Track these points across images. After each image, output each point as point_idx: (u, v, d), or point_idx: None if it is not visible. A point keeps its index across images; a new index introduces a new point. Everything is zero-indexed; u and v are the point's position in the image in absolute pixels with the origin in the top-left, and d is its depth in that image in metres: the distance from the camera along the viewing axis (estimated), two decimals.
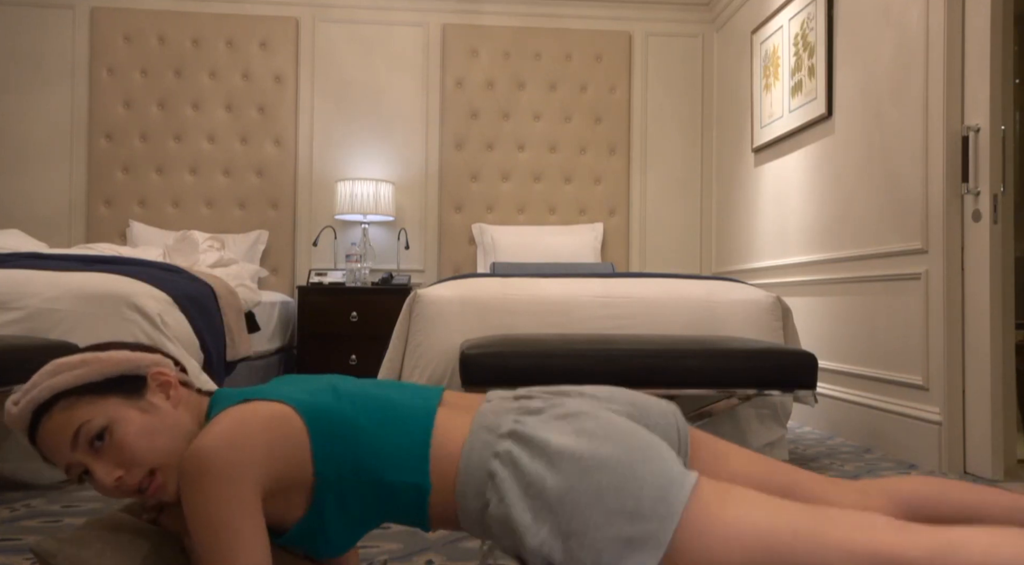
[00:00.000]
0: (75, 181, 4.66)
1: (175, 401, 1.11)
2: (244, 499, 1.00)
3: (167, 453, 1.07)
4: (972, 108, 2.63)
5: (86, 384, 1.06)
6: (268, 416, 1.05)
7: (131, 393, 1.09)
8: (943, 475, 2.61)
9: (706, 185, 5.10)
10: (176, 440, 1.08)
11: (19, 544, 1.74)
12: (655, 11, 5.06)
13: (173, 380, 1.12)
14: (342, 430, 1.07)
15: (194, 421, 1.12)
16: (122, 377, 1.09)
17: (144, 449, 1.06)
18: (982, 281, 2.58)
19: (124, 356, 1.10)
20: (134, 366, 1.10)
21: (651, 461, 1.01)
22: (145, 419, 1.07)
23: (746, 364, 2.14)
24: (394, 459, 1.07)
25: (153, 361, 1.12)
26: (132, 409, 1.07)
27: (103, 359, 1.09)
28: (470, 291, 2.58)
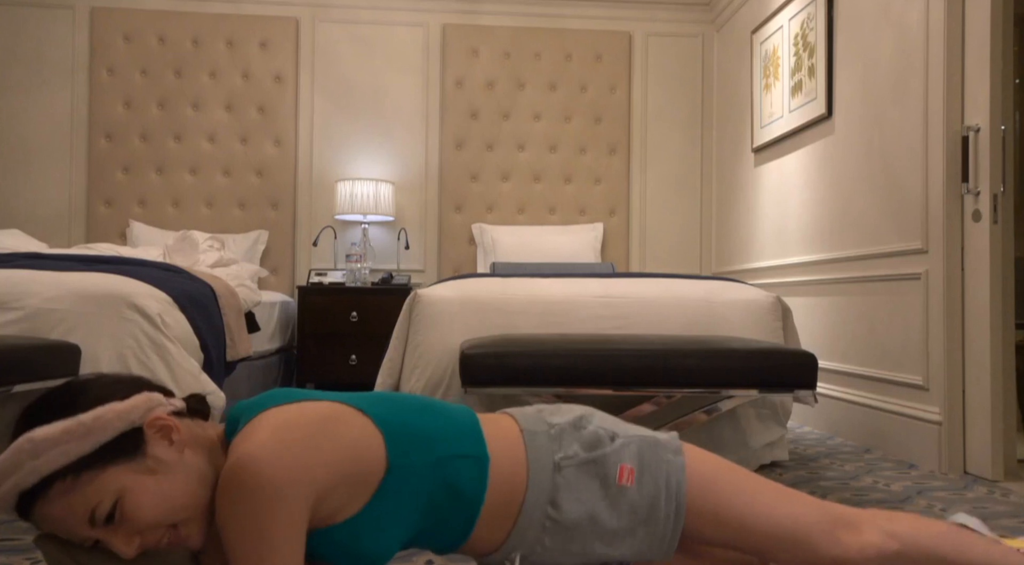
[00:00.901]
0: (75, 181, 4.66)
1: (180, 445, 0.98)
2: (291, 516, 0.91)
3: (187, 507, 0.97)
4: (972, 108, 2.63)
5: (79, 460, 0.92)
6: (324, 415, 0.99)
7: (131, 455, 0.95)
8: (943, 475, 2.61)
9: (706, 185, 5.10)
10: (192, 489, 0.98)
11: (19, 544, 1.74)
12: (655, 11, 5.06)
13: (172, 423, 0.98)
14: (403, 416, 1.07)
15: (205, 454, 1.01)
16: (116, 439, 0.94)
17: (161, 513, 0.96)
18: (982, 281, 2.58)
19: (112, 414, 0.94)
20: (126, 422, 0.95)
21: None
22: (154, 481, 0.95)
23: (746, 364, 2.13)
24: (455, 434, 1.09)
25: (144, 406, 0.97)
26: (137, 474, 0.95)
27: (89, 426, 0.92)
28: (470, 291, 2.58)
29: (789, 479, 2.52)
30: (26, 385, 2.13)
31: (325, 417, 0.99)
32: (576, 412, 1.20)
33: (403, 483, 1.02)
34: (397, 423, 1.05)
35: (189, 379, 2.47)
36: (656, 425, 2.33)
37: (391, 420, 1.05)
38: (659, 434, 1.20)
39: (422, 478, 1.04)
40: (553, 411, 1.20)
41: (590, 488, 1.11)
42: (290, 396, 1.03)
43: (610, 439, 1.14)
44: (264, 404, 1.02)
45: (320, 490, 0.95)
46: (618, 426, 1.19)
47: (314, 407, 1.00)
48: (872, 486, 2.44)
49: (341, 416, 1.01)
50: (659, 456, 1.14)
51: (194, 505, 0.98)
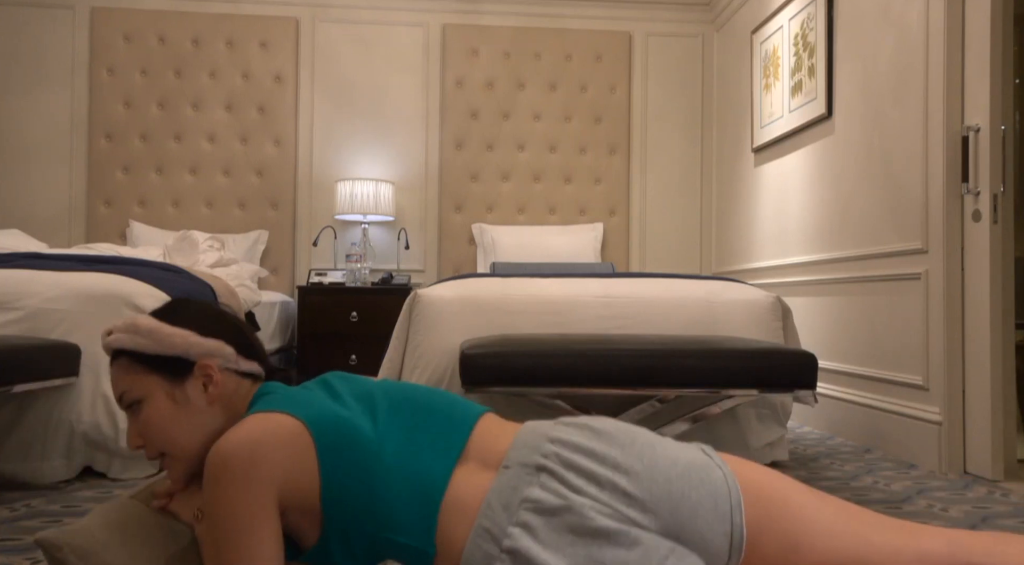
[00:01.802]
0: (75, 181, 4.66)
1: (211, 397, 1.15)
2: (261, 501, 1.01)
3: (179, 446, 1.14)
4: (972, 108, 2.63)
5: (140, 354, 1.13)
6: (286, 437, 1.05)
7: (174, 377, 1.14)
8: (943, 475, 2.61)
9: (706, 185, 5.10)
10: (194, 436, 1.14)
11: (19, 544, 1.74)
12: (655, 11, 5.06)
13: (217, 378, 1.14)
14: (356, 474, 1.05)
15: (228, 415, 1.16)
16: (172, 358, 1.13)
17: (159, 436, 1.13)
18: (982, 281, 2.58)
19: (181, 339, 1.13)
20: (186, 352, 1.13)
21: None
22: (172, 410, 1.13)
23: (746, 364, 2.13)
24: (401, 519, 1.05)
25: (208, 351, 1.14)
26: (166, 395, 1.13)
27: (163, 336, 1.12)
28: (470, 291, 2.58)
29: None
30: (26, 385, 2.13)
31: (287, 440, 1.05)
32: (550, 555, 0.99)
33: (337, 534, 1.07)
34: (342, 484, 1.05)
35: None
36: (656, 425, 2.33)
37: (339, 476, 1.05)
38: None
39: (358, 538, 1.07)
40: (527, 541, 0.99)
41: None
42: (284, 402, 1.11)
43: None
44: (266, 404, 1.12)
45: (276, 490, 1.03)
46: None
47: (287, 425, 1.06)
48: (872, 486, 2.44)
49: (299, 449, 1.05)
50: None
51: (187, 449, 1.14)
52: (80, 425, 2.37)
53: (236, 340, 1.18)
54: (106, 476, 2.44)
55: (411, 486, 1.06)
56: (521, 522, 1.00)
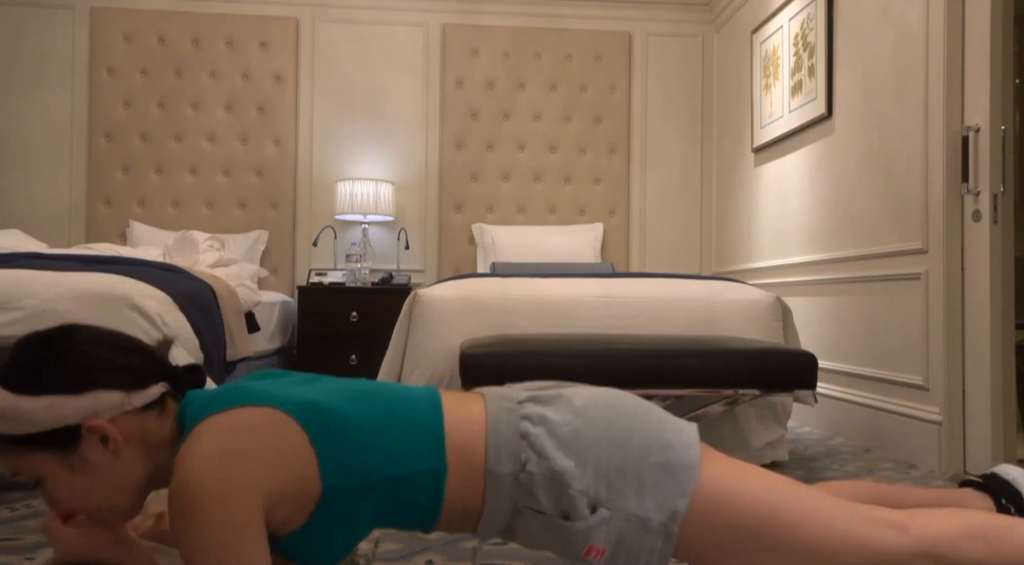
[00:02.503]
0: (75, 181, 4.66)
1: (116, 450, 0.98)
2: (245, 523, 0.91)
3: (101, 506, 1.01)
4: (972, 108, 2.63)
5: (11, 436, 0.95)
6: (262, 424, 0.96)
7: (61, 448, 0.96)
8: (943, 475, 2.61)
9: (706, 185, 5.10)
10: (117, 493, 1.01)
11: (19, 544, 1.74)
12: (655, 11, 5.06)
13: (109, 431, 0.97)
14: (345, 430, 0.99)
15: (153, 449, 1.01)
16: (49, 432, 0.95)
17: (76, 506, 1.01)
18: (982, 281, 2.58)
19: (49, 412, 0.94)
20: (61, 421, 0.95)
21: (660, 411, 1.12)
22: (74, 478, 0.98)
23: (746, 364, 2.13)
24: (406, 449, 1.01)
25: (87, 410, 0.96)
26: (62, 467, 0.97)
27: (26, 416, 0.93)
28: (470, 291, 2.58)
29: None
30: None
31: (262, 427, 0.96)
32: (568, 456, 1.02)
33: (341, 504, 0.99)
34: (337, 445, 0.98)
35: None
36: None
37: (331, 439, 0.98)
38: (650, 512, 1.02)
39: (364, 498, 1.00)
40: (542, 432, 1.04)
41: (550, 538, 1.05)
42: (237, 397, 0.99)
43: (590, 509, 1.01)
44: (211, 407, 0.98)
45: (262, 495, 0.93)
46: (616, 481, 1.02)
47: (255, 415, 0.96)
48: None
49: (277, 429, 0.96)
50: (643, 543, 1.02)
51: (112, 504, 1.01)
52: None
53: (120, 379, 0.98)
54: None
55: (404, 422, 1.04)
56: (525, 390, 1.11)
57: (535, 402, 1.09)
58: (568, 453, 1.03)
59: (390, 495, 1.02)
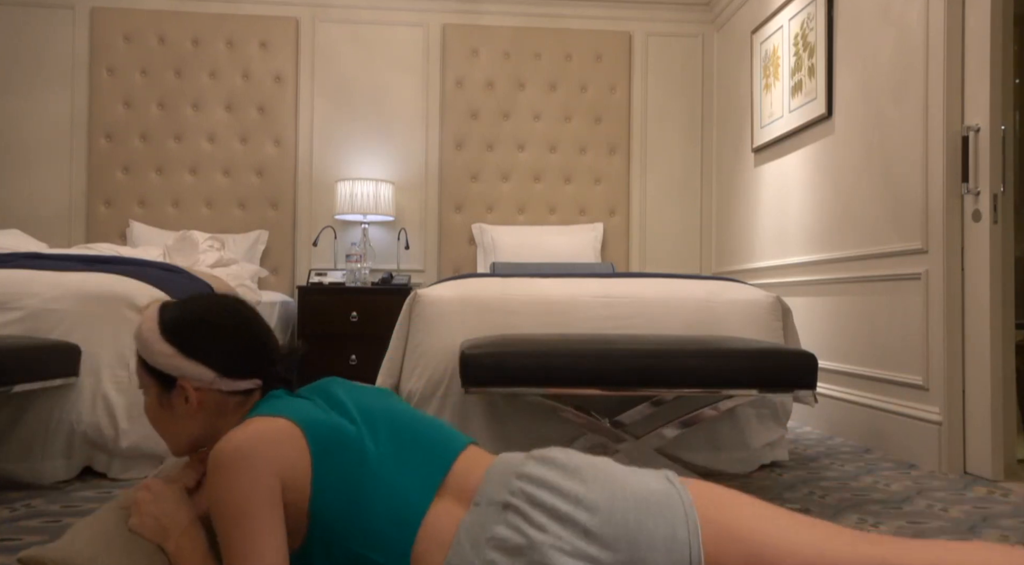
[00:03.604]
0: (75, 181, 4.66)
1: (192, 411, 1.21)
2: (265, 489, 1.05)
3: (166, 439, 1.25)
4: (972, 108, 2.63)
5: (139, 355, 1.22)
6: (283, 437, 1.10)
7: (162, 384, 1.21)
8: (943, 475, 2.61)
9: (706, 185, 5.10)
10: (179, 438, 1.24)
11: (19, 544, 1.74)
12: (655, 11, 5.06)
13: (192, 398, 1.20)
14: (344, 479, 1.10)
15: (217, 424, 1.21)
16: (161, 371, 1.20)
17: (153, 424, 1.25)
18: (982, 281, 2.58)
19: (165, 359, 1.19)
20: (168, 369, 1.19)
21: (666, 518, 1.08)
22: (159, 411, 1.23)
23: (746, 364, 2.13)
24: (381, 538, 1.08)
25: (186, 373, 1.19)
26: (156, 397, 1.22)
27: (151, 351, 1.19)
28: (470, 291, 2.58)
29: (789, 479, 2.52)
30: (26, 385, 2.13)
31: (288, 440, 1.11)
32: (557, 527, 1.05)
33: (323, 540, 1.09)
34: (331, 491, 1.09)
35: None
36: (656, 426, 2.33)
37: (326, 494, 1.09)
38: None
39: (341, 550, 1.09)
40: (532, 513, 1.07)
41: None
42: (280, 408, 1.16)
43: None
44: (262, 409, 1.17)
45: (280, 477, 1.07)
46: None
47: (286, 428, 1.11)
48: (872, 486, 2.43)
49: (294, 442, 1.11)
50: None
51: (172, 445, 1.25)
52: (80, 425, 2.37)
53: (222, 362, 1.21)
54: (106, 476, 2.44)
55: (394, 506, 1.10)
56: (487, 561, 1.05)
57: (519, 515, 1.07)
58: None
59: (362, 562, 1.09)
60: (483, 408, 2.46)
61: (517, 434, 2.45)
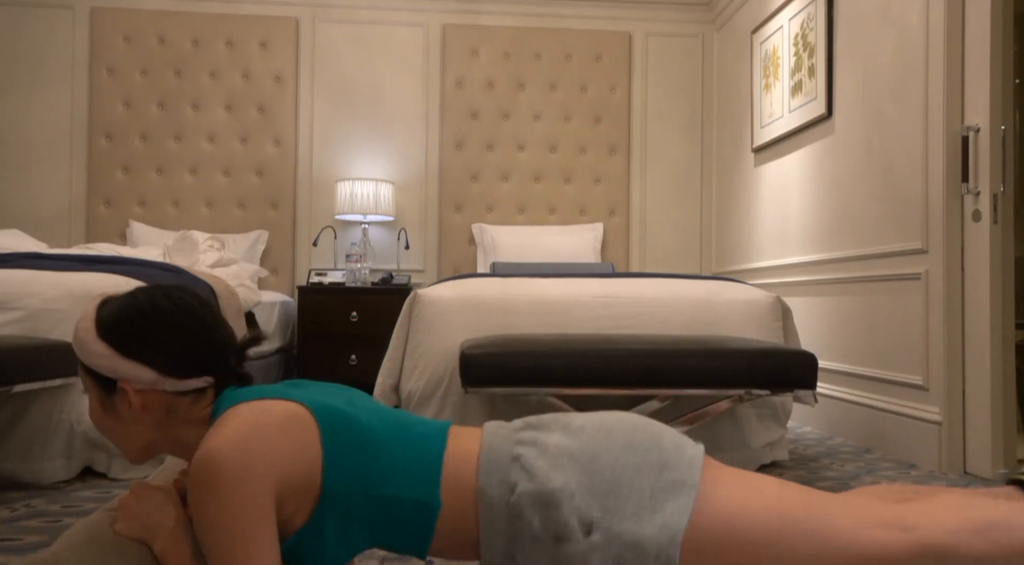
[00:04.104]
0: (75, 181, 4.66)
1: (136, 415, 1.11)
2: (258, 502, 0.98)
3: (116, 441, 1.16)
4: (972, 108, 2.63)
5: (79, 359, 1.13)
6: (283, 416, 1.03)
7: (103, 388, 1.12)
8: (943, 475, 2.61)
9: (706, 185, 5.10)
10: (128, 442, 1.14)
11: (19, 544, 1.74)
12: (655, 11, 5.06)
13: (136, 401, 1.10)
14: (356, 439, 1.05)
15: (167, 425, 1.12)
16: (100, 374, 1.11)
17: (99, 429, 1.16)
18: (982, 281, 2.58)
19: (102, 360, 1.09)
20: (108, 372, 1.09)
21: (663, 429, 1.10)
22: (103, 415, 1.14)
23: (746, 364, 2.13)
24: (406, 474, 1.05)
25: (125, 374, 1.09)
26: (98, 400, 1.13)
27: (88, 352, 1.10)
28: (470, 291, 2.58)
29: (789, 479, 2.51)
30: (26, 385, 2.13)
31: (285, 418, 1.03)
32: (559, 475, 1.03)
33: (336, 509, 1.04)
34: (344, 450, 1.04)
35: None
36: None
37: (340, 444, 1.04)
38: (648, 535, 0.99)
39: (360, 509, 1.05)
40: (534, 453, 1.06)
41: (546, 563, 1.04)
42: (264, 392, 1.08)
43: (584, 532, 1.00)
44: (243, 397, 1.08)
45: (275, 480, 0.99)
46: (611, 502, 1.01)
47: (279, 407, 1.04)
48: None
49: (295, 422, 1.04)
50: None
51: (124, 449, 1.16)
52: (80, 425, 2.37)
53: (164, 362, 1.10)
54: (106, 476, 2.44)
55: (411, 446, 1.08)
56: (522, 441, 1.08)
57: (531, 428, 1.10)
58: (559, 472, 1.02)
59: (382, 513, 1.05)
60: (483, 408, 2.46)
61: None
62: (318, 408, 1.05)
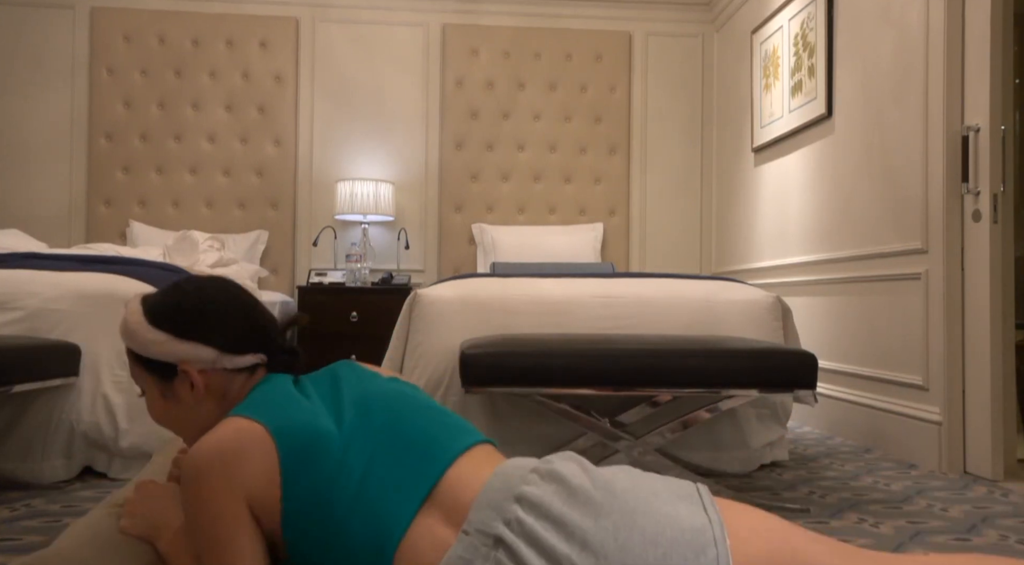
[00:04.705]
0: (75, 181, 4.66)
1: (200, 396, 1.14)
2: (235, 506, 1.00)
3: (175, 429, 1.19)
4: (972, 108, 2.63)
5: (133, 352, 1.16)
6: (250, 446, 1.02)
7: (162, 377, 1.15)
8: (943, 475, 2.61)
9: (706, 185, 5.10)
10: (191, 428, 1.17)
11: (19, 544, 1.74)
12: (655, 11, 5.06)
13: (197, 381, 1.13)
14: (315, 493, 1.01)
15: (226, 406, 1.15)
16: (157, 361, 1.14)
17: (160, 421, 1.19)
18: (982, 281, 2.58)
19: (159, 346, 1.12)
20: (164, 356, 1.13)
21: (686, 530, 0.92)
22: (165, 405, 1.17)
23: (746, 364, 2.13)
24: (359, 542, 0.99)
25: (185, 356, 1.13)
26: (159, 392, 1.16)
27: (143, 341, 1.13)
28: (470, 291, 2.58)
29: (789, 479, 2.52)
30: (26, 385, 2.13)
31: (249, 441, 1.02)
32: None
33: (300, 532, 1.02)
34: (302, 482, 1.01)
35: None
36: (656, 425, 2.33)
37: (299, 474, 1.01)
38: None
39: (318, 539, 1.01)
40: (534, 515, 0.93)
41: None
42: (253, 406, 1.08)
43: None
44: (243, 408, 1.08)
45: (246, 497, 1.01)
46: None
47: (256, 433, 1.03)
48: (872, 486, 2.43)
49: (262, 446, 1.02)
50: None
51: (181, 430, 1.18)
52: (80, 425, 2.37)
53: (220, 339, 1.14)
54: (106, 476, 2.44)
55: (367, 527, 0.98)
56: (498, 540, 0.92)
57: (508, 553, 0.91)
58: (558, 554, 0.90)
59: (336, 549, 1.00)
60: (483, 408, 2.46)
61: (517, 434, 2.45)
62: (286, 434, 1.02)
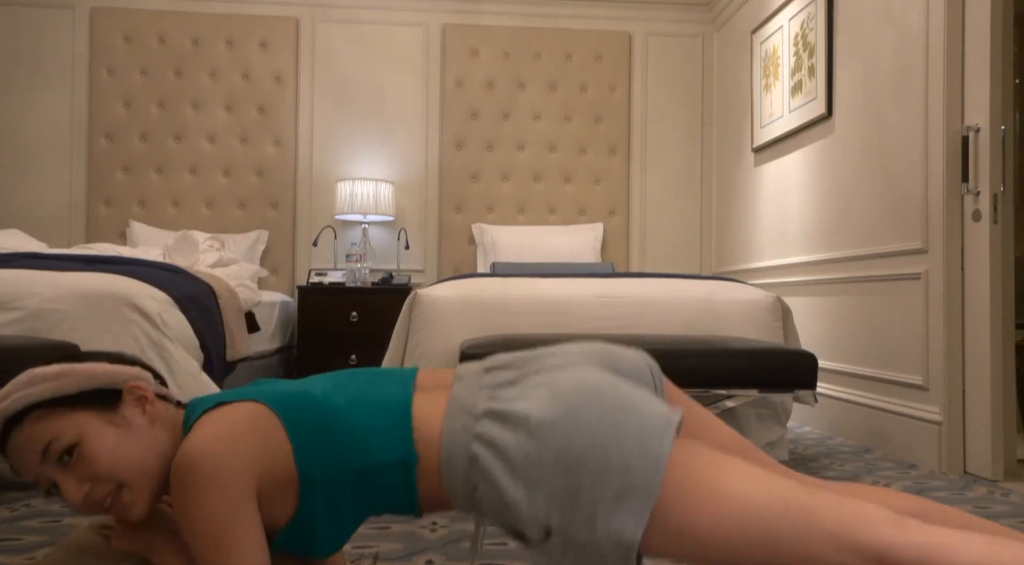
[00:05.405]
0: (75, 181, 4.66)
1: (151, 416, 1.09)
2: (240, 500, 0.98)
3: (136, 470, 1.05)
4: (972, 108, 2.63)
5: (60, 397, 1.04)
6: (246, 416, 1.03)
7: (105, 407, 1.06)
8: (943, 475, 2.61)
9: (706, 185, 5.10)
10: (147, 457, 1.06)
11: (19, 544, 1.74)
12: (655, 11, 5.06)
13: (149, 394, 1.09)
14: (319, 422, 1.05)
15: (170, 437, 1.09)
16: (98, 391, 1.06)
17: (112, 464, 1.04)
18: (982, 281, 2.58)
19: (101, 369, 1.08)
20: (110, 379, 1.07)
21: (631, 415, 0.99)
22: (116, 434, 1.05)
23: (746, 364, 2.13)
24: (377, 440, 1.05)
25: (130, 375, 1.10)
26: (104, 424, 1.05)
27: (79, 372, 1.06)
28: (470, 291, 2.58)
29: None
30: None
31: (247, 418, 1.04)
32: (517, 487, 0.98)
33: (320, 493, 1.04)
34: (311, 435, 1.04)
35: (189, 379, 2.47)
36: None
37: (305, 430, 1.04)
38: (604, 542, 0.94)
39: (341, 486, 1.05)
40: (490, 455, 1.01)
41: None
42: (223, 397, 1.08)
43: (542, 536, 0.98)
44: (205, 405, 1.08)
45: (254, 477, 1.00)
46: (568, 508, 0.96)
47: (239, 409, 1.05)
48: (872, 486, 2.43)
49: (260, 421, 1.04)
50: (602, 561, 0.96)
51: (144, 471, 1.06)
52: None
53: (147, 368, 1.15)
54: None
55: (378, 410, 1.07)
56: (488, 395, 1.05)
57: (492, 418, 1.02)
58: (517, 479, 0.98)
59: (365, 484, 1.05)
60: None
61: None
62: (275, 400, 1.06)
